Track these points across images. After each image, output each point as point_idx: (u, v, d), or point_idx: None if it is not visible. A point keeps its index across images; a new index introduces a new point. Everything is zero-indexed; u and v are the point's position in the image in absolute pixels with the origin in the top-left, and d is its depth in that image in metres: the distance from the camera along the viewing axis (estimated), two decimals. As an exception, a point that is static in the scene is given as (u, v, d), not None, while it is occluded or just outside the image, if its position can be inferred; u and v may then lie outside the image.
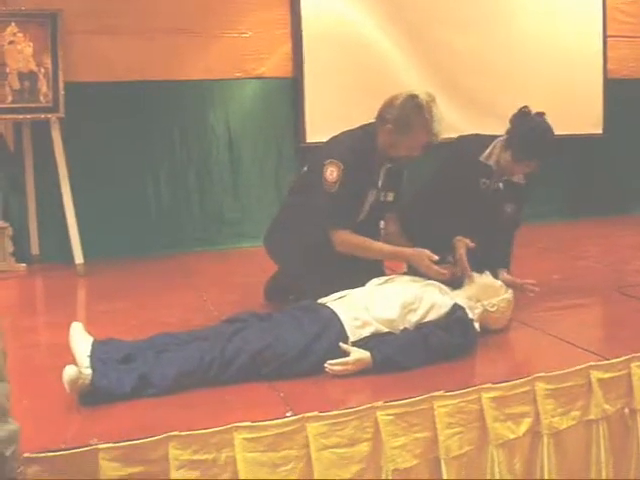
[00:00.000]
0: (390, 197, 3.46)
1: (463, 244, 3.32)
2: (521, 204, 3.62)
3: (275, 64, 5.41)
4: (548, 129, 3.38)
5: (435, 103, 3.22)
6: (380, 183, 3.39)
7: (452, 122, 5.55)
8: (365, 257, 3.27)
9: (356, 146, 3.28)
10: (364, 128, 3.36)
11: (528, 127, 3.36)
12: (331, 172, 3.19)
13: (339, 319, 2.71)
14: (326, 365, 2.56)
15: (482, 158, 3.49)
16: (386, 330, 2.73)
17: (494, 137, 3.52)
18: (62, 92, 4.67)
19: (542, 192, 3.76)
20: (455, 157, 3.59)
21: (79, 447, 2.02)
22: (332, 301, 2.86)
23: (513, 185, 3.51)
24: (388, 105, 3.27)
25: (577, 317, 3.42)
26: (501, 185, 3.50)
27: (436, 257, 3.09)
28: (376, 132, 3.31)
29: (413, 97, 3.22)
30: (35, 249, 4.92)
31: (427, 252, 3.12)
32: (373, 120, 3.34)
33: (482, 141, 3.54)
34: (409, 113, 3.20)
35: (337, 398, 2.43)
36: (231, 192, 5.43)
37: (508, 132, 3.44)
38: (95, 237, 4.79)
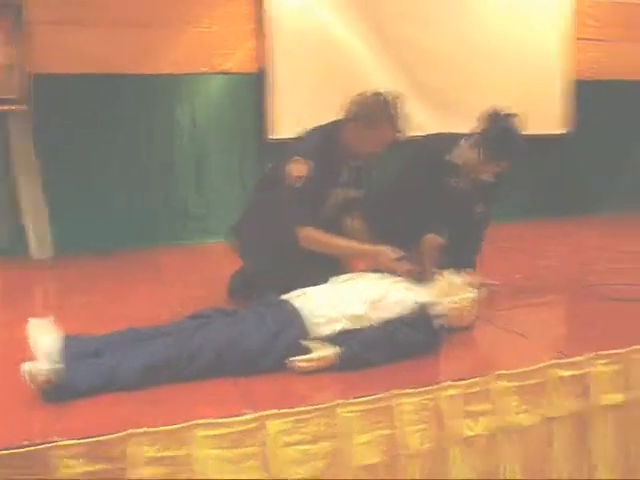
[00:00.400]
0: (355, 194, 3.47)
1: (430, 241, 3.33)
2: (490, 203, 3.64)
3: (241, 59, 5.39)
4: (518, 130, 3.39)
5: (401, 101, 3.24)
6: (345, 180, 3.39)
7: (418, 120, 5.60)
8: (330, 253, 3.27)
9: (322, 143, 3.28)
10: (330, 125, 3.37)
11: (499, 127, 3.37)
12: (297, 168, 3.19)
13: (303, 316, 2.70)
14: (290, 361, 2.55)
15: (450, 157, 3.50)
16: (351, 326, 2.72)
17: (462, 135, 3.52)
18: (27, 84, 4.61)
19: (507, 191, 3.77)
20: (423, 155, 3.59)
21: (39, 444, 1.99)
22: (297, 297, 2.85)
23: (482, 184, 3.52)
24: (354, 102, 3.28)
25: (540, 315, 3.46)
26: (469, 184, 3.50)
27: (400, 254, 3.10)
28: (341, 129, 3.31)
29: (379, 94, 3.25)
30: (1, 242, 4.86)
31: (388, 249, 3.13)
32: (339, 117, 3.34)
33: (450, 140, 3.54)
34: (375, 109, 3.22)
35: (301, 395, 2.42)
36: (196, 187, 5.41)
37: (478, 131, 3.44)
38: (62, 231, 4.74)
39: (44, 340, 2.47)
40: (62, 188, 4.90)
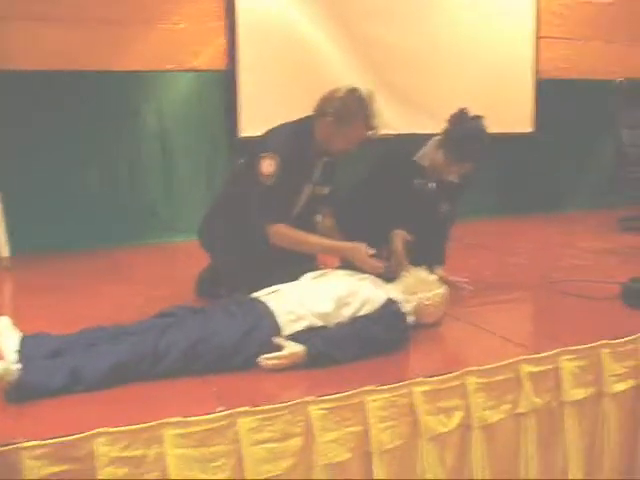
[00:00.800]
0: (326, 191, 3.47)
1: (400, 237, 3.35)
2: (455, 203, 3.66)
3: (209, 57, 5.35)
4: (484, 133, 3.41)
5: (374, 98, 3.24)
6: (316, 177, 3.38)
7: (386, 119, 5.60)
8: (301, 251, 3.25)
9: (293, 139, 3.26)
10: (301, 121, 3.35)
11: (464, 129, 3.39)
12: (268, 165, 3.16)
13: (273, 313, 2.69)
14: (260, 359, 2.54)
15: (416, 158, 3.51)
16: (320, 324, 2.72)
17: (429, 137, 3.55)
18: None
19: (474, 189, 3.80)
20: (390, 156, 3.62)
21: (2, 445, 1.95)
22: (266, 295, 2.84)
23: (447, 184, 3.53)
24: (328, 98, 3.27)
25: (508, 312, 3.49)
26: (435, 185, 3.52)
27: (372, 251, 3.10)
28: (313, 125, 3.30)
29: (354, 90, 3.24)
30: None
31: (363, 246, 3.12)
32: (310, 114, 3.32)
33: (417, 141, 3.56)
34: (350, 106, 3.21)
35: (270, 393, 2.41)
36: (163, 186, 5.37)
37: (444, 132, 3.45)
38: (22, 230, 4.66)
39: (9, 340, 2.44)
40: (24, 186, 4.82)
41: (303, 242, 3.24)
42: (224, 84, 5.42)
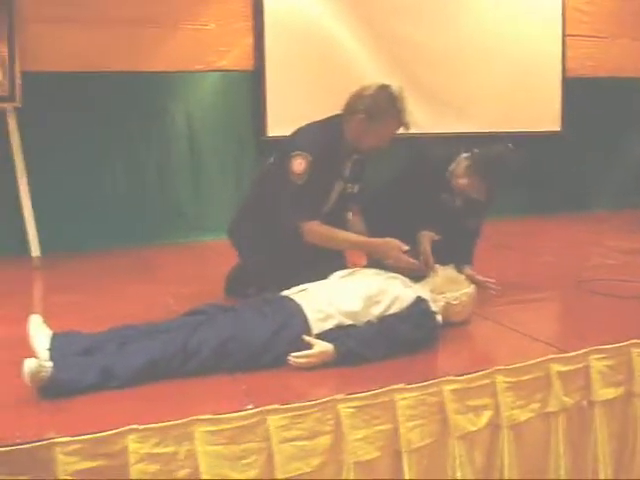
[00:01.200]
0: (356, 189, 3.47)
1: (427, 238, 3.34)
2: (481, 217, 3.65)
3: (237, 57, 5.38)
4: (511, 158, 3.40)
5: (404, 95, 3.24)
6: (346, 174, 3.39)
7: (413, 118, 5.61)
8: (334, 247, 3.27)
9: (323, 137, 3.26)
10: (330, 120, 3.35)
11: (493, 151, 3.40)
12: (299, 163, 3.16)
13: (303, 311, 2.69)
14: (289, 357, 2.55)
15: (447, 173, 3.48)
16: (349, 322, 2.72)
17: (462, 146, 3.52)
18: (19, 81, 4.60)
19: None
20: (421, 166, 3.58)
21: (36, 441, 1.97)
22: (295, 293, 2.84)
23: (473, 201, 3.51)
24: (358, 96, 3.27)
25: (537, 311, 3.47)
26: (460, 201, 3.50)
27: (406, 247, 3.09)
28: (341, 124, 3.30)
29: (385, 87, 3.24)
30: (-10, 241, 4.85)
31: (397, 242, 3.12)
32: (337, 112, 3.33)
33: (449, 154, 3.53)
34: (382, 102, 3.21)
35: (299, 391, 2.42)
36: (191, 185, 5.40)
37: (472, 153, 3.43)
38: (52, 230, 4.71)
39: (41, 337, 2.47)
40: (54, 187, 4.87)
41: (336, 239, 3.25)
42: (251, 84, 5.45)
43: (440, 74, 5.88)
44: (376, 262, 3.23)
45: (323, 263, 3.15)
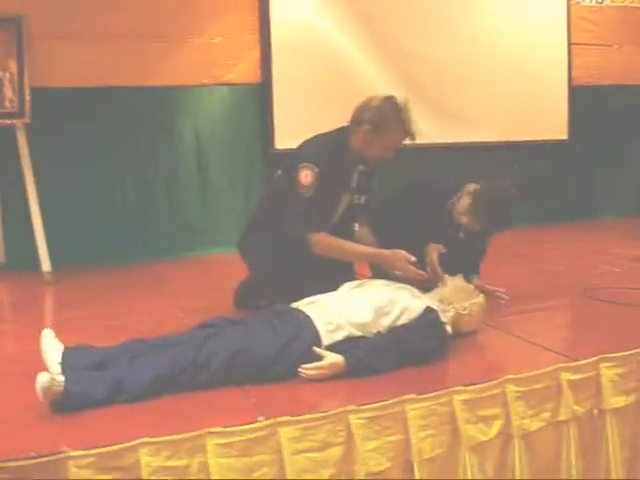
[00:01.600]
0: (363, 200, 3.48)
1: (435, 249, 3.34)
2: (485, 240, 3.66)
3: (244, 70, 5.40)
4: (507, 204, 3.43)
5: (410, 106, 3.25)
6: (353, 186, 3.40)
7: (421, 129, 5.62)
8: (341, 259, 3.28)
9: (330, 149, 3.28)
10: (337, 131, 3.37)
11: (491, 196, 3.38)
12: (305, 175, 3.18)
13: (312, 323, 2.70)
14: (300, 369, 2.56)
15: (449, 206, 3.48)
16: (359, 334, 2.73)
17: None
18: (28, 97, 4.64)
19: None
20: (424, 197, 3.56)
21: (49, 455, 1.99)
22: (305, 305, 2.86)
23: (476, 233, 3.49)
24: (364, 107, 3.28)
25: (546, 320, 3.46)
26: (464, 233, 3.50)
27: (413, 258, 3.09)
28: (348, 135, 3.31)
29: (390, 98, 3.25)
30: (1, 257, 4.87)
31: (404, 253, 3.12)
32: (344, 124, 3.34)
33: (453, 186, 3.53)
34: (387, 113, 3.22)
35: (310, 402, 2.42)
36: (200, 199, 5.42)
37: (474, 190, 3.43)
38: (62, 244, 4.74)
39: (53, 352, 2.48)
40: (63, 202, 4.90)
41: (344, 250, 3.26)
42: (259, 97, 5.47)
43: (446, 85, 5.89)
44: (382, 273, 3.24)
45: (332, 275, 3.16)
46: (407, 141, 3.27)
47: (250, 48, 5.40)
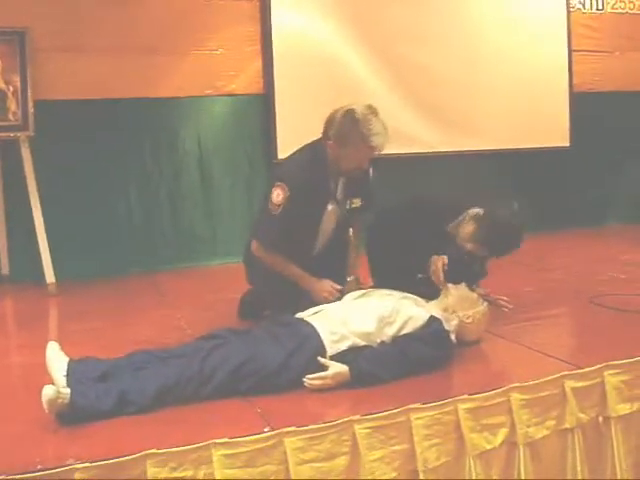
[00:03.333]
0: (357, 203, 3.47)
1: (440, 259, 3.33)
2: (485, 262, 3.64)
3: (246, 81, 5.42)
4: (514, 229, 3.38)
5: (374, 115, 3.19)
6: (339, 194, 3.41)
7: (418, 136, 5.63)
8: (277, 270, 3.31)
9: (305, 165, 3.30)
10: (313, 145, 3.37)
11: (500, 218, 3.35)
12: (277, 195, 3.23)
13: (317, 333, 2.71)
14: (305, 380, 2.57)
15: (450, 228, 3.43)
16: (363, 344, 2.73)
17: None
18: (32, 110, 4.66)
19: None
20: (427, 219, 3.47)
21: (55, 467, 1.99)
22: (309, 315, 2.87)
23: (477, 256, 3.46)
24: (329, 121, 3.29)
25: (550, 328, 3.46)
26: (466, 257, 3.48)
27: (339, 287, 3.18)
28: (324, 147, 3.31)
29: (349, 111, 3.22)
30: (5, 269, 4.88)
31: (330, 285, 3.23)
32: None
33: (455, 203, 3.51)
34: (345, 128, 3.20)
35: (315, 412, 2.42)
36: (203, 210, 5.42)
37: (479, 215, 3.38)
38: (66, 256, 4.74)
39: (58, 364, 2.49)
40: (66, 214, 4.91)
41: (277, 264, 3.31)
42: (261, 107, 5.48)
43: (447, 93, 5.89)
44: (377, 284, 3.26)
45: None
46: (373, 153, 3.23)
47: (252, 59, 5.42)
